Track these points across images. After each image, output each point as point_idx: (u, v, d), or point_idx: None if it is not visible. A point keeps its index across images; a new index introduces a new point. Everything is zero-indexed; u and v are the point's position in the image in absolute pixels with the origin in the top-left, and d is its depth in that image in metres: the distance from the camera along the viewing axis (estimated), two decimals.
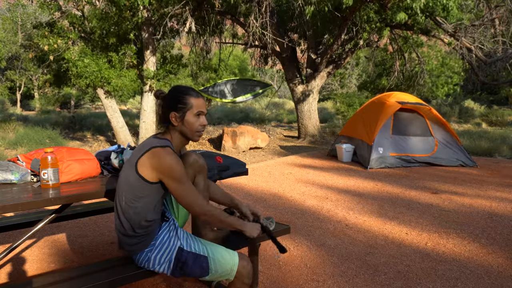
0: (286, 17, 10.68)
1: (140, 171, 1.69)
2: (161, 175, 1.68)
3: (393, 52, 11.24)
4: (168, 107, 1.77)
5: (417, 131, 6.53)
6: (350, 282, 2.49)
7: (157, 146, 1.70)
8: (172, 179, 1.68)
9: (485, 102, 22.65)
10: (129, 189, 1.72)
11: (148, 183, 1.70)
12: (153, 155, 1.68)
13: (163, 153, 1.67)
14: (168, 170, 1.66)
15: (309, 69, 10.53)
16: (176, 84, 1.86)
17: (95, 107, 27.77)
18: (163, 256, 1.77)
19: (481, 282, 2.48)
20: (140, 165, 1.69)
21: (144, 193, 1.71)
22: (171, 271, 1.77)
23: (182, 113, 1.76)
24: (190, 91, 1.80)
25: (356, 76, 23.24)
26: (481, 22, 8.98)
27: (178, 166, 1.68)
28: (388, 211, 4.03)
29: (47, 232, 3.41)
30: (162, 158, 1.66)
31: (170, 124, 1.79)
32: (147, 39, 9.07)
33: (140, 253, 1.79)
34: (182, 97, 1.77)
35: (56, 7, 8.54)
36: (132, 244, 1.78)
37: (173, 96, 1.78)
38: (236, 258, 1.78)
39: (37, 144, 9.08)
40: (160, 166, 1.66)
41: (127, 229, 1.76)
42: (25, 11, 23.89)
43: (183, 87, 1.82)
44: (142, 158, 1.69)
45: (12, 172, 2.06)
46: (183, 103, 1.77)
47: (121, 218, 1.76)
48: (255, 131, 8.99)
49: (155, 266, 1.77)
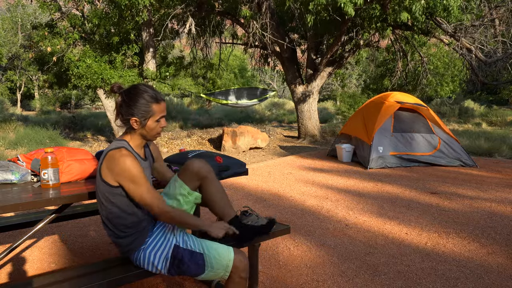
0: (286, 18, 10.69)
1: (103, 177, 1.70)
2: (117, 177, 1.67)
3: (395, 52, 11.23)
4: (128, 112, 1.72)
5: (420, 128, 6.51)
6: (350, 282, 2.49)
7: (111, 149, 1.69)
8: (127, 180, 1.66)
9: (485, 102, 22.66)
10: (101, 195, 1.74)
11: (113, 188, 1.70)
12: (108, 159, 1.68)
13: (117, 156, 1.65)
14: (121, 171, 1.65)
15: (309, 70, 10.53)
16: (137, 83, 1.78)
17: (95, 107, 27.79)
18: (158, 252, 1.78)
19: (481, 282, 2.48)
20: (103, 172, 1.70)
21: (114, 198, 1.72)
22: (167, 269, 1.77)
23: (144, 120, 1.73)
24: (152, 97, 1.73)
25: (356, 76, 23.24)
26: (481, 22, 8.97)
27: (132, 167, 1.65)
28: (388, 211, 4.03)
29: (47, 232, 3.41)
30: (115, 161, 1.65)
31: (130, 125, 1.76)
32: (147, 40, 9.08)
33: (137, 251, 1.80)
34: (145, 105, 1.71)
35: (56, 7, 8.55)
36: (127, 245, 1.79)
37: (135, 102, 1.71)
38: (232, 254, 1.78)
39: (37, 144, 9.09)
40: (114, 169, 1.66)
41: (116, 232, 1.78)
42: (25, 11, 23.90)
43: (145, 91, 1.73)
44: (103, 164, 1.70)
45: (12, 172, 2.06)
46: (144, 110, 1.71)
47: (106, 223, 1.78)
48: (255, 131, 8.99)
49: (151, 263, 1.78)
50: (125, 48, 8.80)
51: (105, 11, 8.66)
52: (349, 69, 18.46)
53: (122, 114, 1.74)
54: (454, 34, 8.58)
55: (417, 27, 8.39)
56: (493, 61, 8.90)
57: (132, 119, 1.72)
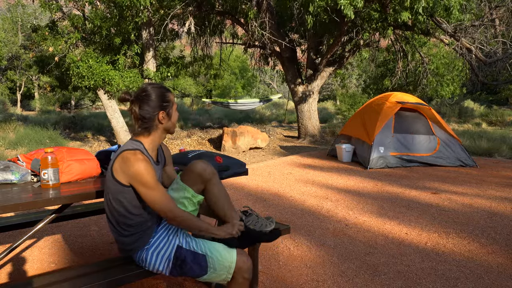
0: (286, 17, 10.69)
1: (115, 175, 1.71)
2: (130, 180, 1.68)
3: (395, 52, 11.23)
4: (152, 110, 1.75)
5: (420, 129, 6.51)
6: (350, 282, 2.49)
7: (127, 149, 1.70)
8: (140, 185, 1.67)
9: (485, 102, 22.66)
10: (110, 193, 1.74)
11: (123, 187, 1.71)
12: (122, 159, 1.68)
13: (132, 158, 1.66)
14: (135, 175, 1.66)
15: (309, 70, 10.53)
16: (142, 84, 1.84)
17: (95, 107, 27.78)
18: (161, 253, 1.78)
19: (481, 282, 2.48)
20: (114, 169, 1.71)
21: (122, 196, 1.72)
22: (170, 270, 1.77)
23: (168, 111, 1.80)
24: (164, 89, 1.81)
25: (356, 76, 23.23)
26: (481, 22, 8.97)
27: (146, 172, 1.66)
28: (388, 211, 4.03)
29: (47, 232, 3.41)
30: (130, 163, 1.66)
31: (153, 125, 1.78)
32: (147, 40, 9.08)
33: (140, 251, 1.80)
34: (165, 95, 1.79)
35: (57, 7, 8.55)
36: (130, 243, 1.79)
37: (154, 98, 1.76)
38: (235, 256, 1.78)
39: (37, 144, 9.09)
40: (128, 171, 1.66)
41: (120, 230, 1.78)
42: (25, 11, 23.90)
43: (156, 87, 1.80)
44: (115, 163, 1.71)
45: (12, 172, 2.06)
46: (167, 100, 1.79)
47: (112, 220, 1.79)
48: (255, 131, 8.99)
49: (153, 263, 1.77)
50: (125, 48, 8.80)
51: (106, 11, 8.66)
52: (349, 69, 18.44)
53: (144, 116, 1.75)
54: (454, 34, 8.57)
55: (417, 27, 8.39)
56: (493, 61, 8.89)
57: (160, 114, 1.76)
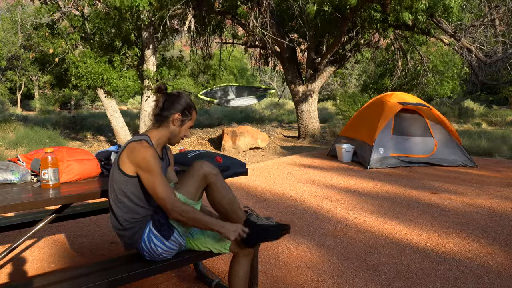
0: (287, 17, 10.69)
1: (121, 167, 1.75)
2: (136, 167, 1.73)
3: (394, 52, 11.23)
4: (173, 107, 1.86)
5: (417, 131, 6.52)
6: (350, 282, 2.49)
7: (133, 140, 1.77)
8: (144, 170, 1.72)
9: (485, 102, 22.66)
10: (115, 186, 1.78)
11: (128, 177, 1.75)
12: (129, 149, 1.74)
13: (138, 146, 1.73)
14: (141, 161, 1.71)
15: (309, 70, 10.52)
16: (186, 93, 1.97)
17: (95, 107, 27.79)
18: (153, 238, 1.82)
19: (481, 282, 2.48)
20: (121, 161, 1.76)
21: (126, 188, 1.76)
22: (167, 248, 1.85)
23: (184, 120, 1.89)
24: (193, 105, 1.96)
25: (356, 76, 23.24)
26: (481, 22, 8.97)
27: (151, 158, 1.72)
28: (388, 211, 4.03)
29: (47, 232, 3.41)
30: (136, 151, 1.72)
31: (165, 122, 1.86)
32: (147, 39, 9.07)
33: (141, 242, 1.83)
34: (191, 107, 1.92)
35: (55, 8, 8.54)
36: (131, 236, 1.83)
37: (184, 101, 1.89)
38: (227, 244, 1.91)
39: (37, 144, 9.09)
40: (134, 158, 1.72)
41: (122, 224, 1.81)
42: (25, 11, 23.90)
43: (189, 98, 1.95)
44: (122, 154, 1.76)
45: (12, 172, 2.06)
46: (189, 112, 1.91)
47: (116, 214, 1.81)
48: (255, 131, 8.99)
49: (150, 249, 1.82)
50: (125, 48, 8.80)
51: (105, 12, 8.65)
52: (349, 69, 18.45)
53: (164, 108, 1.86)
54: (454, 34, 8.57)
55: (417, 27, 8.39)
56: (493, 61, 8.89)
57: (176, 115, 1.86)
